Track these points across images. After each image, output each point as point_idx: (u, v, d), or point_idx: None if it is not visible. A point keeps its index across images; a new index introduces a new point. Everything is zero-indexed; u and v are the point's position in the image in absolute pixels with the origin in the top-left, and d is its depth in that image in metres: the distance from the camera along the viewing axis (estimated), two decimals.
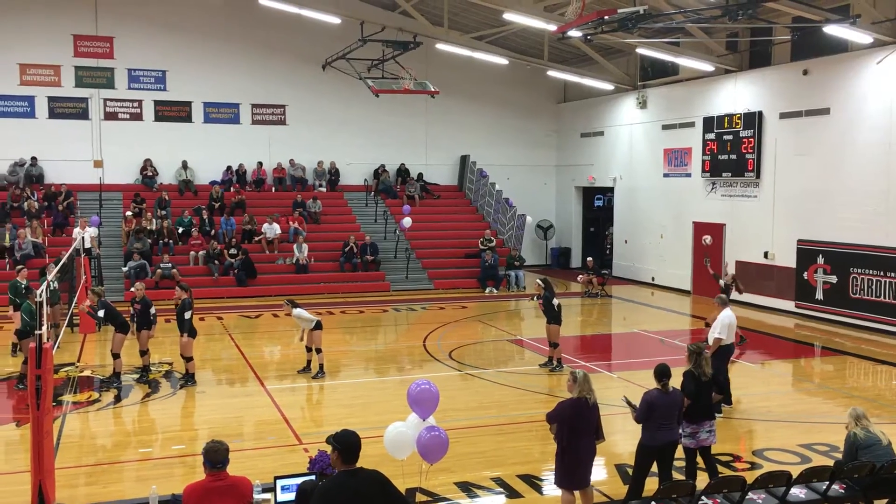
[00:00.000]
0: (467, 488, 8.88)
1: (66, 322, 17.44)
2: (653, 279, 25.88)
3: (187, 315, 13.17)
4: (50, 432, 8.21)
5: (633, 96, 26.51)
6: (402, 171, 29.37)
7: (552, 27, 20.08)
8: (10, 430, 10.98)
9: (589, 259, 25.35)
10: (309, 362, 13.99)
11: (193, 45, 26.61)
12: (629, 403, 8.17)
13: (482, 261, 25.28)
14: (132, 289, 14.03)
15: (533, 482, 9.10)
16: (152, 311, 13.57)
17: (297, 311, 13.74)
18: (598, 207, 30.59)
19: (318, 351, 13.78)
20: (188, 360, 13.30)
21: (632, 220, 27.03)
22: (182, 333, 13.19)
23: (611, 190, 28.52)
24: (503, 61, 27.12)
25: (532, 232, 29.69)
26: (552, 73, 28.06)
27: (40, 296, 8.77)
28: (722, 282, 16.93)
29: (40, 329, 8.03)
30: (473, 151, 29.83)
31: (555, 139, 31.36)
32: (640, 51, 23.34)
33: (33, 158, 25.34)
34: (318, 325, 13.77)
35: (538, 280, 14.89)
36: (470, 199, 29.73)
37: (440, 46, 26.29)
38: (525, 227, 27.30)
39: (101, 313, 13.67)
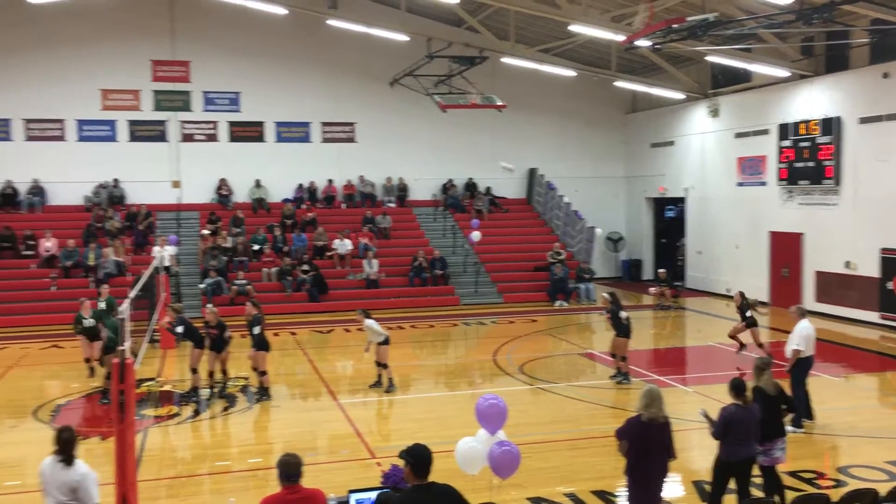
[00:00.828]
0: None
1: (147, 338, 17.98)
2: (728, 290, 25.22)
3: (256, 330, 13.49)
4: (132, 445, 8.47)
5: (705, 105, 26.03)
6: (470, 186, 29.45)
7: (620, 38, 19.92)
8: (95, 444, 11.37)
9: (661, 271, 24.93)
10: (379, 376, 14.05)
11: (265, 67, 27.28)
12: (707, 417, 7.96)
13: (551, 274, 25.11)
14: (206, 311, 14.11)
15: (607, 498, 8.96)
16: (227, 334, 13.74)
17: (369, 321, 13.80)
18: (669, 218, 30.07)
19: (385, 366, 13.82)
20: (261, 374, 13.57)
21: (705, 231, 26.49)
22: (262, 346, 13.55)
23: (682, 200, 28.02)
24: (570, 73, 26.99)
25: (602, 244, 29.35)
26: (620, 84, 27.80)
27: (123, 312, 9.08)
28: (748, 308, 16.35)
29: (123, 345, 8.31)
30: (541, 164, 29.73)
31: (623, 150, 31.00)
32: (711, 58, 22.93)
33: (115, 180, 26.31)
34: (386, 341, 13.81)
35: (605, 294, 14.97)
36: (538, 212, 29.60)
37: (506, 60, 26.33)
38: (594, 240, 27.03)
39: (179, 329, 14.10)
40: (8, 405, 13.50)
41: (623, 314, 14.32)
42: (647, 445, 7.21)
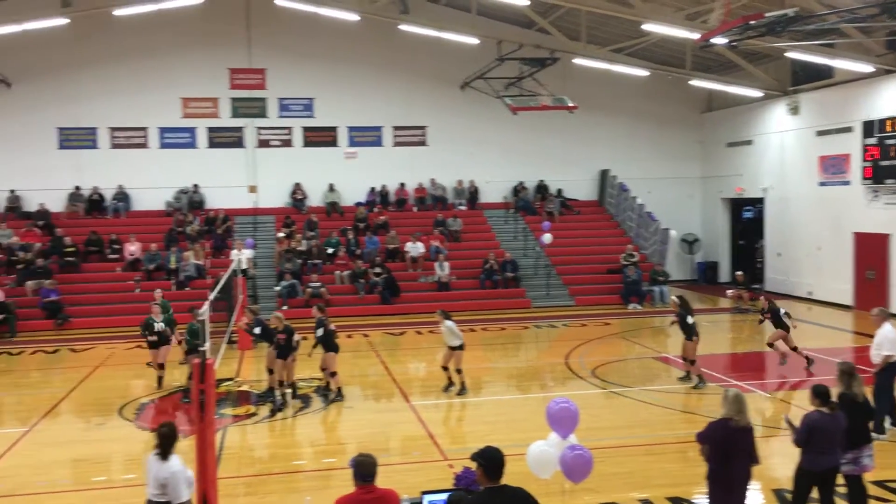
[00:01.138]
0: None
1: (226, 339, 18.45)
2: (809, 293, 24.49)
3: (318, 332, 13.78)
4: (213, 444, 8.71)
5: (784, 102, 25.30)
6: (541, 188, 29.30)
7: (695, 35, 19.54)
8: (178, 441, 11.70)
9: (739, 273, 24.33)
10: (450, 379, 14.04)
11: (338, 73, 27.72)
12: (790, 424, 7.72)
13: (624, 276, 24.78)
14: (272, 317, 14.16)
15: None
16: (295, 338, 13.70)
17: (448, 323, 13.69)
18: (747, 219, 29.31)
19: (459, 371, 13.78)
20: (331, 374, 13.78)
21: (785, 232, 25.72)
22: (316, 346, 13.89)
23: (761, 201, 27.27)
24: (643, 73, 26.61)
25: (676, 246, 28.80)
26: (695, 83, 27.27)
27: (202, 315, 9.35)
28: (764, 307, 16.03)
29: (203, 346, 8.56)
30: (613, 165, 29.38)
31: (699, 150, 30.38)
32: (791, 55, 22.26)
33: (195, 185, 27.13)
34: (462, 346, 13.75)
35: (674, 297, 15.11)
36: (611, 213, 29.24)
37: (578, 61, 26.13)
38: (669, 242, 26.54)
39: (256, 330, 14.43)
40: (95, 403, 14.04)
41: (691, 319, 14.16)
42: (729, 450, 7.03)
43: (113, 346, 19.16)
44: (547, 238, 25.19)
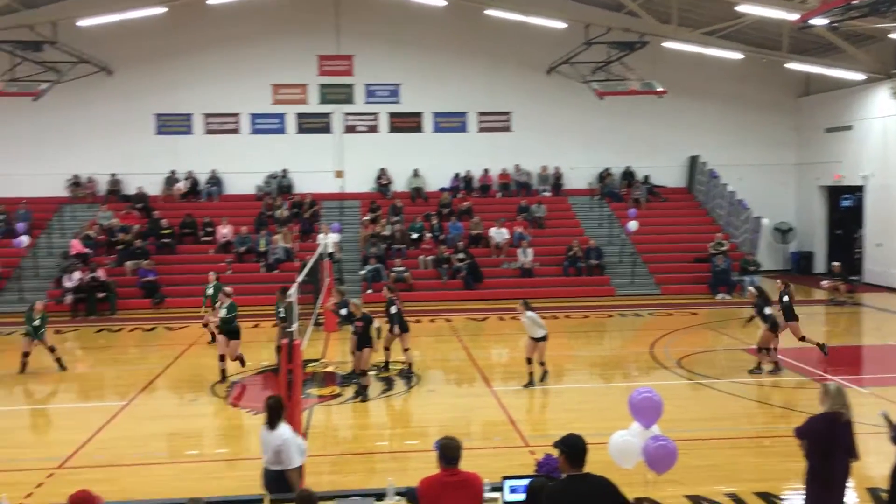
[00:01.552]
0: (699, 502, 8.53)
1: (313, 321, 18.85)
2: None
3: (393, 309, 14.23)
4: (300, 423, 8.96)
5: (888, 86, 24.09)
6: (628, 174, 28.79)
7: (793, 16, 18.82)
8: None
9: (835, 264, 23.41)
10: (531, 375, 13.57)
11: (424, 59, 27.84)
12: (888, 420, 7.39)
13: (713, 265, 24.16)
14: (351, 303, 14.15)
15: (772, 501, 8.56)
16: (375, 325, 13.59)
17: (530, 314, 13.34)
18: (845, 208, 28.10)
19: (542, 363, 13.48)
20: (404, 350, 14.26)
21: (886, 221, 24.55)
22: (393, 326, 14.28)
23: (860, 188, 26.10)
24: (736, 56, 25.78)
25: (769, 235, 27.90)
26: (791, 66, 26.25)
27: (290, 296, 9.57)
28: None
29: (292, 327, 8.77)
30: (703, 151, 28.61)
31: (795, 136, 29.28)
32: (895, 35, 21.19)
33: (284, 170, 27.76)
34: (545, 338, 13.43)
35: (751, 288, 15.05)
36: (700, 201, 28.52)
37: (668, 45, 25.50)
38: (761, 230, 25.71)
39: (342, 311, 14.75)
40: (188, 380, 14.59)
41: (768, 310, 13.90)
42: (829, 446, 6.80)
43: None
44: (633, 225, 24.77)
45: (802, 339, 15.01)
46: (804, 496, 7.17)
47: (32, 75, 23.73)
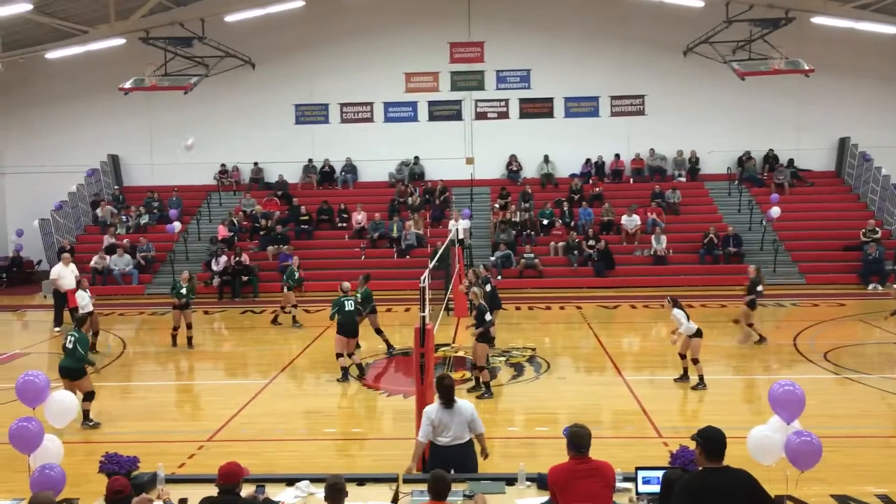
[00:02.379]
0: (846, 502, 8.09)
1: (444, 306, 19.11)
2: None
3: (488, 288, 14.26)
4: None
5: None
6: (770, 158, 27.46)
7: None
8: (399, 401, 12.37)
9: None
10: (685, 370, 12.90)
11: (555, 43, 27.54)
12: None
13: (864, 254, 22.74)
14: (471, 291, 13.21)
15: None
16: (487, 317, 12.49)
17: (675, 311, 12.65)
18: None
19: (696, 361, 12.58)
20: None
21: None
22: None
23: None
24: (892, 30, 24.05)
25: None
26: None
27: (424, 281, 9.72)
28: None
29: (423, 312, 8.92)
30: (854, 133, 26.88)
31: None
32: None
33: (416, 158, 28.22)
34: (699, 333, 12.59)
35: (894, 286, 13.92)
36: (850, 185, 26.87)
37: (816, 20, 24.12)
38: None
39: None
40: (325, 361, 15.10)
41: None
42: None
43: None
44: (775, 212, 23.64)
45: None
46: None
47: (183, 70, 25.17)
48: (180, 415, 12.28)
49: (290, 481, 6.79)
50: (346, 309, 13.69)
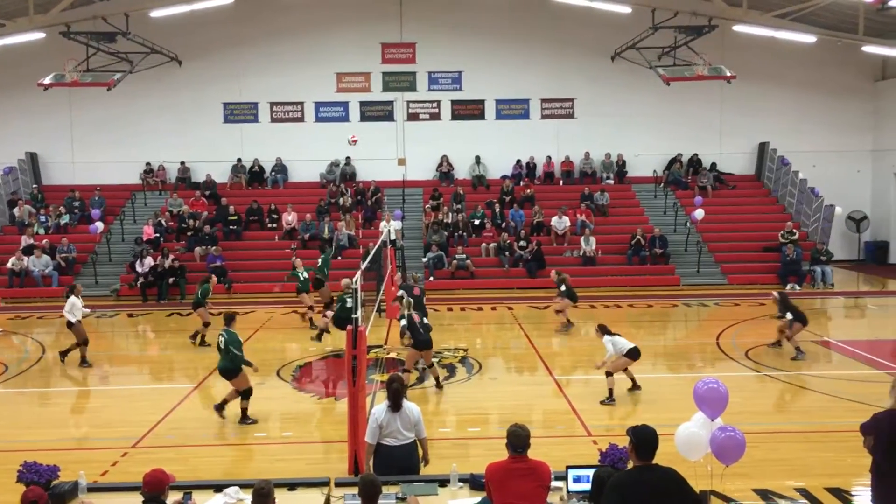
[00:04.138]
0: (767, 496, 8.36)
1: (376, 308, 19.03)
2: None
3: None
4: (364, 407, 9.06)
5: None
6: (694, 161, 28.22)
7: None
8: (329, 403, 12.26)
9: None
10: (632, 380, 12.52)
11: (486, 45, 27.72)
12: None
13: (783, 255, 23.56)
14: (401, 306, 13.45)
15: (843, 496, 8.35)
16: (423, 323, 12.82)
17: (605, 339, 12.28)
18: None
19: (608, 374, 12.04)
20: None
21: None
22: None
23: None
24: (810, 39, 25.00)
25: (842, 224, 27.07)
26: (868, 49, 25.34)
27: (355, 283, 9.67)
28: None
29: (356, 314, 8.87)
30: (773, 138, 27.85)
31: (871, 121, 28.27)
32: None
33: (347, 158, 28.03)
34: (631, 354, 12.06)
35: (775, 293, 15.47)
36: (769, 188, 27.81)
37: (738, 28, 24.87)
38: (833, 219, 24.95)
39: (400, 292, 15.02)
40: (256, 364, 14.85)
41: (789, 315, 14.25)
42: (894, 442, 6.61)
43: (271, 311, 20.22)
44: (699, 214, 24.30)
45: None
46: (871, 494, 6.97)
47: (106, 66, 24.43)
48: (103, 421, 11.89)
49: (219, 487, 6.67)
50: (347, 306, 13.43)
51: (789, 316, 14.40)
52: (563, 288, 17.25)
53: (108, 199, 26.58)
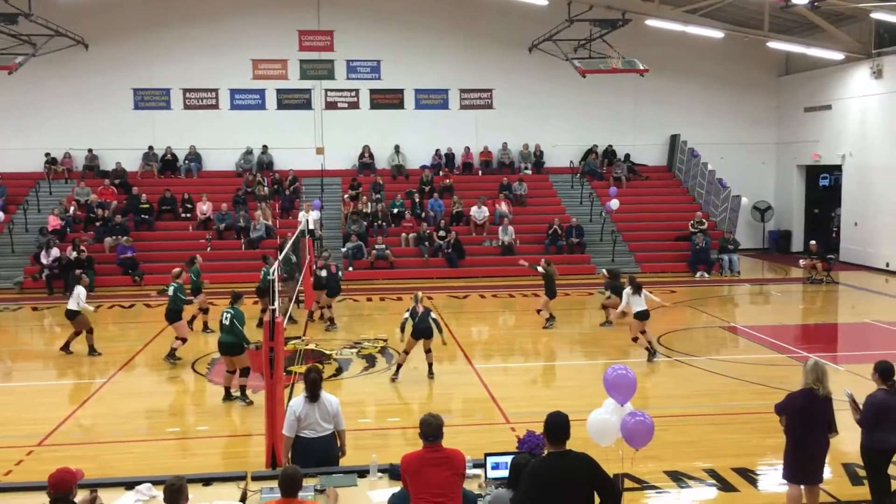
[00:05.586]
0: (678, 478, 8.65)
1: (293, 298, 18.79)
2: (888, 265, 23.67)
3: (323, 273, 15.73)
4: (281, 400, 8.95)
5: (867, 66, 24.25)
6: (609, 153, 28.83)
7: None
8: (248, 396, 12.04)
9: (812, 242, 23.63)
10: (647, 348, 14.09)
11: (405, 35, 27.61)
12: (853, 402, 7.49)
13: (693, 244, 24.34)
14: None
15: (748, 476, 8.70)
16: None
17: (627, 290, 14.06)
18: (823, 187, 28.39)
19: (635, 339, 14.06)
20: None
21: (863, 201, 24.83)
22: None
23: (838, 168, 26.34)
24: (718, 34, 25.79)
25: (748, 214, 28.14)
26: (773, 45, 26.31)
27: (272, 274, 9.52)
28: None
29: (273, 304, 8.74)
30: (684, 130, 28.69)
31: (775, 115, 29.43)
32: (876, 15, 21.30)
33: (264, 147, 27.53)
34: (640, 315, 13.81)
35: (604, 270, 16.71)
36: (680, 179, 28.66)
37: (650, 23, 25.46)
38: (740, 209, 25.91)
39: (322, 273, 16.17)
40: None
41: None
42: (808, 421, 7.02)
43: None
44: (613, 204, 24.86)
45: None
46: (783, 470, 7.31)
47: (7, 48, 23.30)
48: (6, 418, 11.40)
49: (130, 485, 6.49)
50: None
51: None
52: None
53: (9, 188, 25.42)
